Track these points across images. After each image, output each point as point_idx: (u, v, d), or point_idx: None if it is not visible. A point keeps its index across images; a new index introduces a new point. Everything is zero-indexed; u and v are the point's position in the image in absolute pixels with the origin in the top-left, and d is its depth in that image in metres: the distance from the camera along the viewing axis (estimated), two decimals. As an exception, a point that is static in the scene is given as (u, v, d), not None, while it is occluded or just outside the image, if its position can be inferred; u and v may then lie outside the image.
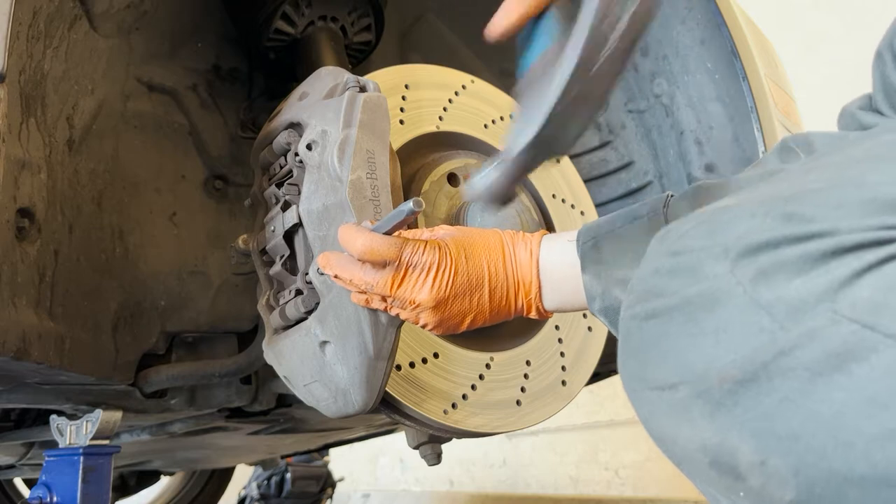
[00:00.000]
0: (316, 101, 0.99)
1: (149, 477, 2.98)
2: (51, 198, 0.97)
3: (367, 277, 0.80)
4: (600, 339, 1.23)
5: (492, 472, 4.20)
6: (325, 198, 0.91)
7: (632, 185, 1.61)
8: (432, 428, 1.02)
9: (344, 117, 0.93)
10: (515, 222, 1.09)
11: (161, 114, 1.27)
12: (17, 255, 0.88)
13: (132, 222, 1.21)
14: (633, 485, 3.42)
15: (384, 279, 0.79)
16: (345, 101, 0.94)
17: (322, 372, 0.93)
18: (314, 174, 0.94)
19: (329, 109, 0.96)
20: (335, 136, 0.93)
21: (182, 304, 1.27)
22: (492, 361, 1.08)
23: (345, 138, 0.92)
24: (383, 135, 0.97)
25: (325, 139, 0.94)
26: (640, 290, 0.54)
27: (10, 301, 0.86)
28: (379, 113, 0.97)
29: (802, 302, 0.43)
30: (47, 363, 0.92)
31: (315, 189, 0.93)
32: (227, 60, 1.36)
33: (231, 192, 1.36)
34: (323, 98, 0.99)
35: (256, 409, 1.46)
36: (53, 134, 0.99)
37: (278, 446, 2.39)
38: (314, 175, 0.94)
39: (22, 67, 0.90)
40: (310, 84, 1.05)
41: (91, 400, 1.22)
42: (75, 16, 1.01)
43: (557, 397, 1.13)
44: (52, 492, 1.20)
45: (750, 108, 1.39)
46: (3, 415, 1.50)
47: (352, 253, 0.81)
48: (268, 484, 3.92)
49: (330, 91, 1.00)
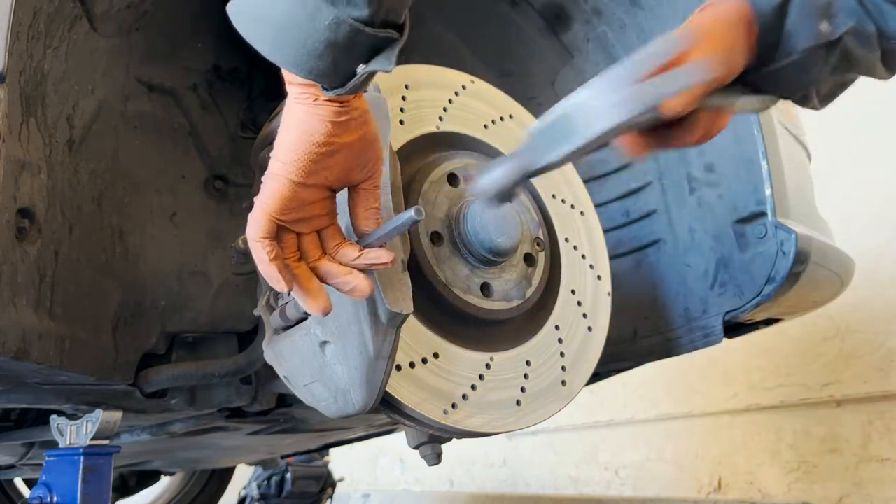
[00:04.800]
0: (316, 102, 0.99)
1: (149, 477, 2.98)
2: (51, 198, 0.97)
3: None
4: (600, 339, 1.23)
5: (492, 472, 4.20)
6: (325, 198, 0.91)
7: (632, 185, 1.61)
8: (432, 428, 1.02)
9: None
10: (516, 222, 1.09)
11: (161, 114, 1.27)
12: (18, 256, 0.88)
13: (132, 222, 1.21)
14: (633, 485, 3.42)
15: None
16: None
17: (322, 372, 0.93)
18: (314, 174, 0.93)
19: (329, 109, 0.95)
20: None
21: (182, 304, 1.27)
22: (492, 361, 1.08)
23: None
24: (383, 135, 0.96)
25: (325, 139, 0.94)
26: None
27: (11, 301, 0.86)
28: (379, 113, 0.96)
29: None
30: (47, 363, 0.92)
31: (315, 189, 0.93)
32: (227, 60, 1.36)
33: (231, 192, 1.36)
34: (323, 98, 0.99)
35: (256, 409, 1.46)
36: (53, 134, 0.99)
37: (278, 446, 2.39)
38: (314, 175, 0.93)
39: (22, 67, 0.90)
40: (310, 84, 1.05)
41: (91, 400, 1.22)
42: (75, 16, 1.01)
43: (557, 397, 1.13)
44: (53, 492, 1.20)
45: (750, 108, 1.39)
46: (4, 415, 1.50)
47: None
48: (268, 484, 3.92)
49: (330, 91, 1.00)
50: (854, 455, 2.67)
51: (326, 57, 0.66)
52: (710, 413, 3.15)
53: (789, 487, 2.85)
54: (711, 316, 1.47)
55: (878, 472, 2.59)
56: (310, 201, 0.78)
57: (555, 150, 0.72)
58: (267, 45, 0.68)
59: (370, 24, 0.65)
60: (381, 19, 0.66)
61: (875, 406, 2.64)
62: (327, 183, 0.78)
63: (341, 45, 0.65)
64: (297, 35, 0.66)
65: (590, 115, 0.71)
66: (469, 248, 1.06)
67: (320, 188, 0.78)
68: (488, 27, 1.58)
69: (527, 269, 1.14)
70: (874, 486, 2.60)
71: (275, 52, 0.68)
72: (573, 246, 1.25)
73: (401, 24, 0.69)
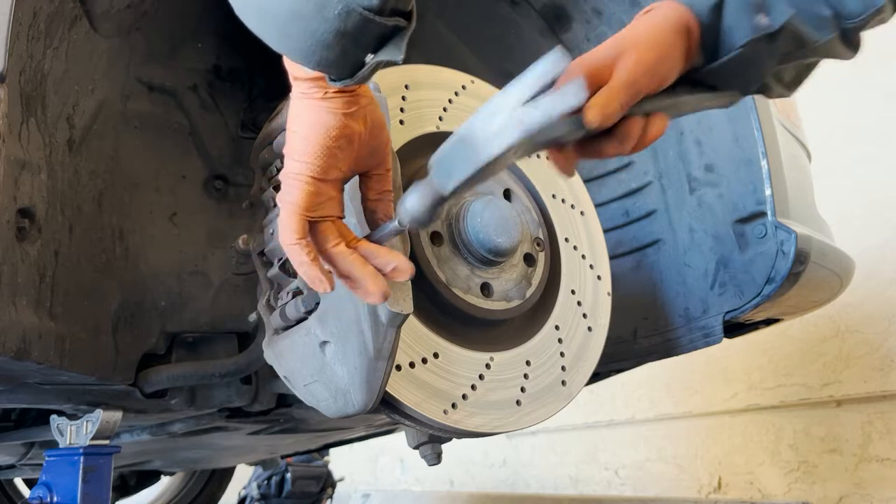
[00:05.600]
0: (316, 102, 0.99)
1: (149, 477, 2.97)
2: (51, 198, 0.97)
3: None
4: (600, 339, 1.23)
5: (492, 472, 4.20)
6: (325, 198, 0.91)
7: (632, 185, 1.61)
8: (432, 428, 1.02)
9: None
10: (516, 222, 1.09)
11: (161, 114, 1.27)
12: (18, 256, 0.88)
13: (132, 222, 1.21)
14: (633, 485, 3.42)
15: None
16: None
17: (322, 372, 0.93)
18: (314, 174, 0.93)
19: (329, 109, 0.95)
20: None
21: (182, 304, 1.27)
22: (492, 361, 1.08)
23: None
24: (383, 135, 0.96)
25: (325, 139, 0.94)
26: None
27: (11, 301, 0.86)
28: (379, 113, 0.96)
29: None
30: (47, 363, 0.92)
31: (315, 189, 0.93)
32: (227, 60, 1.36)
33: (231, 193, 1.36)
34: (323, 98, 0.99)
35: (256, 409, 1.46)
36: (54, 134, 0.99)
37: (278, 446, 2.39)
38: (314, 175, 0.93)
39: (22, 67, 0.90)
40: (310, 84, 1.05)
41: (91, 400, 1.22)
42: (75, 16, 1.01)
43: (557, 397, 1.13)
44: (53, 492, 1.20)
45: (750, 108, 1.39)
46: (4, 415, 1.50)
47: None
48: (268, 484, 3.92)
49: (330, 91, 1.00)
50: (854, 455, 2.67)
51: (335, 47, 0.65)
52: (710, 413, 3.15)
53: (789, 487, 2.85)
54: (711, 316, 1.47)
55: (878, 472, 2.59)
56: (329, 196, 0.78)
57: (455, 177, 0.72)
58: (273, 37, 0.67)
59: (380, 12, 0.64)
60: (390, 7, 0.65)
61: (875, 406, 2.64)
62: (342, 174, 0.78)
63: (350, 34, 0.64)
64: (305, 25, 0.64)
65: (479, 141, 0.71)
66: (469, 248, 1.06)
67: (337, 180, 0.78)
68: (488, 27, 1.58)
69: (527, 269, 1.15)
70: (874, 486, 2.60)
71: (282, 43, 0.67)
72: (573, 246, 1.25)
73: (409, 12, 0.68)
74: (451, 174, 0.73)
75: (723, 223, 1.45)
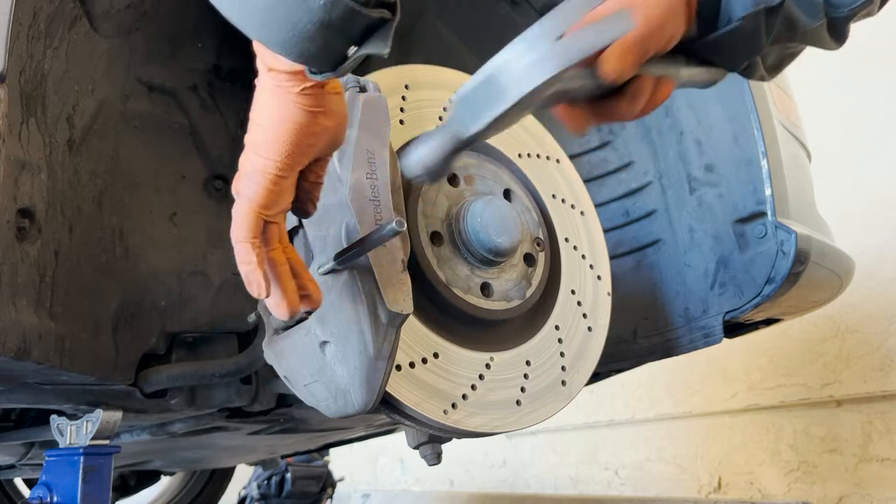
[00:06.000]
0: (316, 102, 0.99)
1: (149, 477, 2.97)
2: (51, 198, 0.97)
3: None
4: (600, 339, 1.23)
5: (492, 472, 4.20)
6: (324, 198, 0.91)
7: (632, 185, 1.61)
8: (432, 428, 1.02)
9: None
10: (516, 222, 1.09)
11: (161, 114, 1.27)
12: (18, 256, 0.88)
13: (132, 222, 1.21)
14: (632, 485, 3.42)
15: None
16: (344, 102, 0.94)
17: (322, 372, 0.93)
18: (314, 174, 0.93)
19: (329, 109, 0.95)
20: None
21: (182, 304, 1.27)
22: (492, 361, 1.08)
23: (345, 139, 0.92)
24: (383, 135, 0.96)
25: (325, 139, 0.94)
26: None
27: (11, 301, 0.86)
28: (379, 113, 0.97)
29: None
30: (47, 363, 0.92)
31: (315, 189, 0.93)
32: (227, 60, 1.36)
33: (231, 192, 1.36)
34: (323, 98, 0.99)
35: (256, 409, 1.46)
36: (54, 134, 0.99)
37: (278, 446, 2.39)
38: (314, 175, 0.93)
39: (22, 67, 0.90)
40: (310, 84, 1.05)
41: (91, 400, 1.22)
42: (75, 16, 1.01)
43: (557, 397, 1.13)
44: (53, 492, 1.20)
45: (750, 108, 1.39)
46: (4, 415, 1.50)
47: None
48: (268, 484, 3.92)
49: (330, 91, 1.00)
50: (854, 455, 2.67)
51: (318, 39, 0.63)
52: (710, 413, 3.15)
53: (789, 487, 2.85)
54: (711, 316, 1.47)
55: (878, 472, 2.59)
56: (287, 190, 0.76)
57: (481, 118, 0.68)
58: (254, 27, 0.64)
59: (366, 3, 0.62)
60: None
61: (875, 406, 2.64)
62: (302, 167, 0.77)
63: (335, 26, 0.62)
64: (287, 16, 0.62)
65: (512, 77, 0.67)
66: (469, 248, 1.06)
67: (295, 174, 0.77)
68: (488, 27, 1.58)
69: (527, 269, 1.15)
70: (874, 486, 2.60)
71: (262, 33, 0.64)
72: (573, 246, 1.25)
73: (393, 4, 0.66)
74: (476, 115, 0.69)
75: (723, 223, 1.45)
